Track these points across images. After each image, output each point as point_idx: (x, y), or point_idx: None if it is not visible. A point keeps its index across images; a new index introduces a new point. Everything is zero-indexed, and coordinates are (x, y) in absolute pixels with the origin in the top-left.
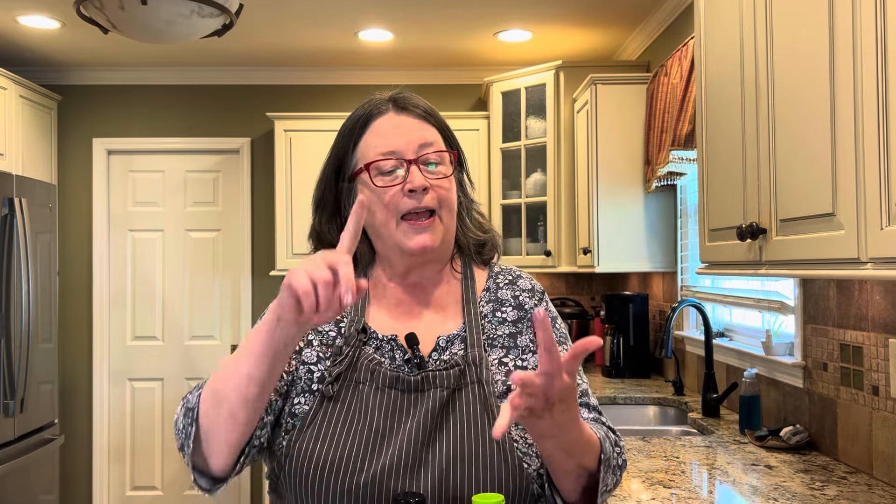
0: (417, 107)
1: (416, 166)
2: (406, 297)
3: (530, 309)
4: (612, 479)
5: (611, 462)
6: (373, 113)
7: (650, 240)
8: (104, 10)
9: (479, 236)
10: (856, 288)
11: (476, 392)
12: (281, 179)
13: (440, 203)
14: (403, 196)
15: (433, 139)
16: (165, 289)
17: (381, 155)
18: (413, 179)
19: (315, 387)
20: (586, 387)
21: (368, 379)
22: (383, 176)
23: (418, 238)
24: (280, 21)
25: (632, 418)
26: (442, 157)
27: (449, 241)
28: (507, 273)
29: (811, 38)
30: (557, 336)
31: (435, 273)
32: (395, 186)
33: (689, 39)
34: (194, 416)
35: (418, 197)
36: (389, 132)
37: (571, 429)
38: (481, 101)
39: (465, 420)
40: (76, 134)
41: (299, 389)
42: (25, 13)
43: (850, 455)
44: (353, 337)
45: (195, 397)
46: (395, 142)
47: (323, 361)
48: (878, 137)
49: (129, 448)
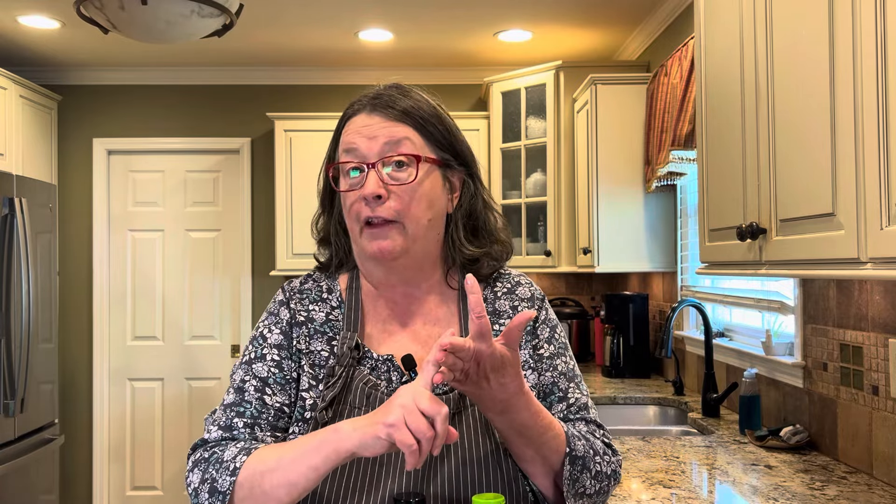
0: (393, 106)
1: (376, 170)
2: (398, 310)
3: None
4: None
5: (587, 463)
6: (350, 111)
7: (650, 240)
8: (104, 10)
9: (470, 251)
10: (856, 288)
11: (476, 416)
12: (281, 179)
13: (399, 214)
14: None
15: (401, 140)
16: (165, 289)
17: (345, 156)
18: (365, 186)
19: (308, 415)
20: (586, 400)
21: (364, 404)
22: (347, 179)
23: (375, 243)
24: (280, 21)
25: (632, 418)
26: (410, 160)
27: (425, 249)
28: (506, 280)
29: (811, 38)
30: (555, 347)
31: (425, 285)
32: (353, 191)
33: (689, 39)
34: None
35: (371, 205)
36: (356, 132)
37: (518, 407)
38: (481, 101)
39: (467, 446)
40: (76, 134)
41: (294, 419)
42: (25, 13)
43: (850, 455)
44: (346, 356)
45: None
46: (359, 143)
47: (315, 388)
48: (878, 137)
49: (129, 448)
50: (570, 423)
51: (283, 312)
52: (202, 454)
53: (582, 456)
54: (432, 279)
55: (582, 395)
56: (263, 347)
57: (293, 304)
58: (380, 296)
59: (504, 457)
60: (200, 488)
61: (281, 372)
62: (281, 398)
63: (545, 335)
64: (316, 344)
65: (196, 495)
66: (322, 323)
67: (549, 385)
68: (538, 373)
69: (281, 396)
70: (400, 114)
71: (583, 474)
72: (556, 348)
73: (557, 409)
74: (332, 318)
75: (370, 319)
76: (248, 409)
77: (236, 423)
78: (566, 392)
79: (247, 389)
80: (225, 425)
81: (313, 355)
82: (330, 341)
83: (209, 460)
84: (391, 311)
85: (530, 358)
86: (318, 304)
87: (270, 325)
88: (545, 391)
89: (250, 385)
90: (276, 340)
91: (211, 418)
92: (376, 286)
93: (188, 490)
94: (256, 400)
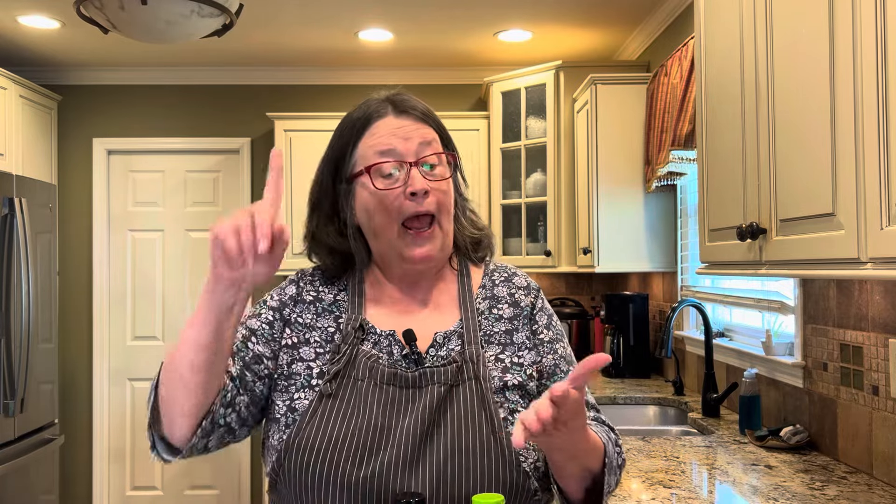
0: (416, 108)
1: (417, 168)
2: (404, 295)
3: (526, 306)
4: (614, 479)
5: (613, 464)
6: (372, 115)
7: (650, 240)
8: (104, 10)
9: (475, 234)
10: (856, 288)
11: (473, 388)
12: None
13: (439, 207)
14: (405, 199)
15: (432, 140)
16: (165, 289)
17: (381, 157)
18: (414, 182)
19: (314, 382)
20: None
21: (367, 376)
22: (383, 179)
23: (420, 249)
24: (280, 21)
25: (632, 418)
26: (440, 159)
27: (448, 245)
28: (502, 270)
29: (811, 38)
30: (554, 332)
31: (432, 272)
32: (396, 189)
33: (689, 39)
34: (154, 384)
35: (419, 200)
36: (390, 134)
37: (581, 438)
38: (481, 101)
39: (463, 416)
40: (76, 134)
41: (299, 385)
42: (25, 13)
43: (850, 455)
44: (350, 335)
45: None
46: (396, 144)
47: (322, 357)
48: (878, 137)
49: (129, 448)
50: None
51: (290, 288)
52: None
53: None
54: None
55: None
56: (262, 308)
57: (302, 283)
58: (387, 281)
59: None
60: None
61: (270, 329)
62: (262, 348)
63: (543, 321)
64: (323, 321)
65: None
66: (330, 303)
67: (550, 367)
68: (539, 354)
69: (262, 347)
70: (423, 115)
71: (610, 475)
72: (555, 334)
73: None
74: (340, 299)
75: (374, 301)
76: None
77: None
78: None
79: (237, 336)
80: None
81: (321, 331)
82: (337, 319)
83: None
84: (396, 295)
85: (527, 339)
86: (328, 286)
87: (273, 294)
88: (547, 372)
89: (240, 333)
90: (273, 304)
91: None
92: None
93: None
94: (240, 342)
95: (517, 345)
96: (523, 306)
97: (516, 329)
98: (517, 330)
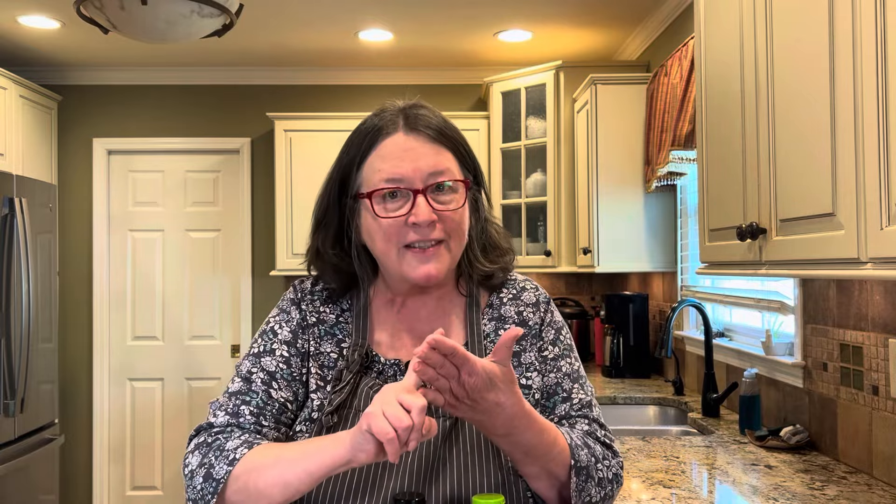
0: (430, 126)
1: (424, 197)
2: (408, 317)
3: (533, 325)
4: (595, 490)
5: (590, 472)
6: (381, 130)
7: (650, 240)
8: (104, 10)
9: (486, 269)
10: (856, 288)
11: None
12: (281, 179)
13: (449, 234)
14: (408, 228)
15: (446, 166)
16: (165, 289)
17: (385, 182)
18: (418, 213)
19: (315, 415)
20: (589, 399)
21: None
22: (386, 203)
23: (423, 268)
24: (280, 21)
25: (632, 418)
26: (456, 185)
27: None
28: (511, 286)
29: (811, 38)
30: (560, 348)
31: (437, 292)
32: (398, 218)
33: (689, 39)
34: (217, 489)
35: (423, 231)
36: (396, 156)
37: (521, 428)
38: (481, 101)
39: (469, 452)
40: (76, 134)
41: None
42: (25, 13)
43: (850, 455)
44: (355, 362)
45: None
46: (402, 168)
47: (322, 389)
48: (878, 137)
49: (129, 448)
50: (570, 423)
51: (294, 312)
52: (205, 438)
53: (585, 465)
54: (445, 287)
55: (586, 394)
56: (273, 342)
57: (304, 305)
58: (390, 302)
59: (505, 459)
60: (197, 471)
61: (288, 368)
62: (286, 394)
63: (550, 337)
64: (325, 345)
65: (191, 477)
66: (332, 325)
67: (552, 386)
68: (542, 375)
69: (286, 392)
70: (437, 134)
71: (588, 483)
72: (562, 350)
73: (561, 408)
74: (342, 320)
75: (379, 325)
76: (254, 398)
77: (242, 410)
78: (570, 392)
79: (254, 380)
80: (232, 412)
81: (322, 356)
82: (339, 343)
83: (211, 446)
84: (401, 316)
85: (535, 360)
86: (330, 305)
87: (281, 322)
88: (548, 392)
89: (257, 377)
90: (285, 337)
91: (217, 403)
92: (393, 297)
93: (184, 471)
94: (263, 392)
95: (525, 366)
96: (531, 325)
97: (524, 350)
98: (525, 350)
